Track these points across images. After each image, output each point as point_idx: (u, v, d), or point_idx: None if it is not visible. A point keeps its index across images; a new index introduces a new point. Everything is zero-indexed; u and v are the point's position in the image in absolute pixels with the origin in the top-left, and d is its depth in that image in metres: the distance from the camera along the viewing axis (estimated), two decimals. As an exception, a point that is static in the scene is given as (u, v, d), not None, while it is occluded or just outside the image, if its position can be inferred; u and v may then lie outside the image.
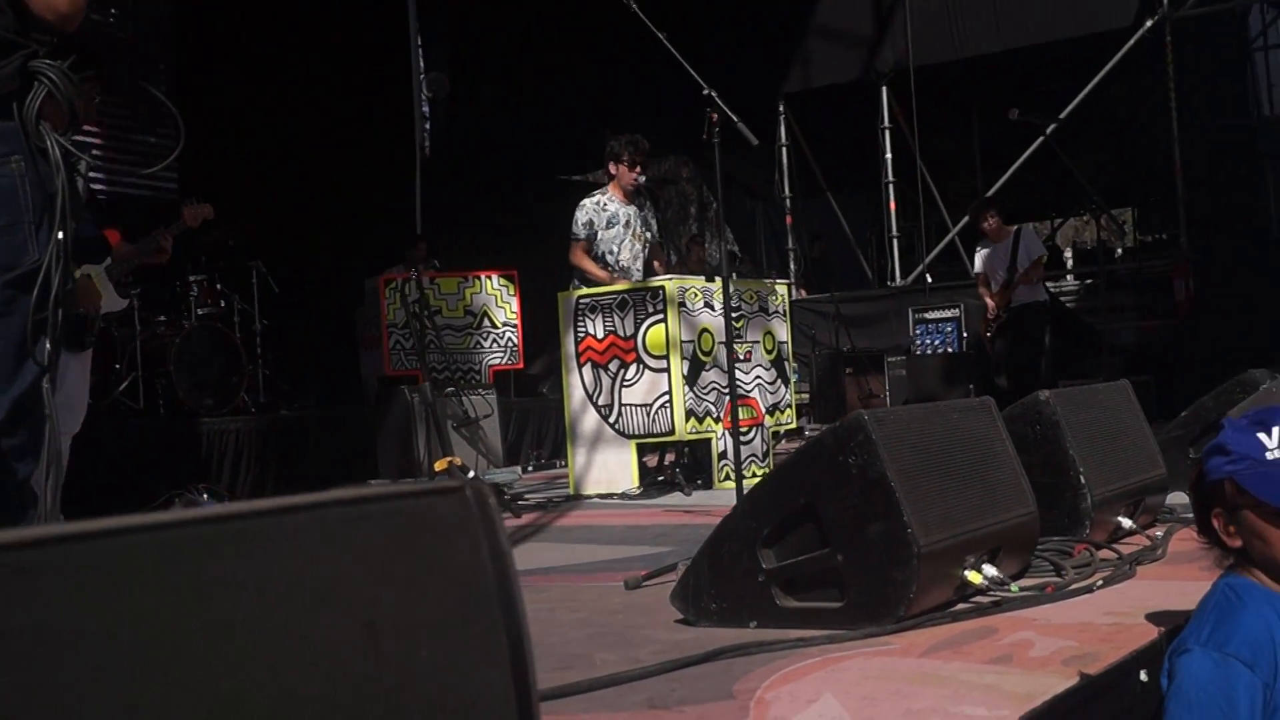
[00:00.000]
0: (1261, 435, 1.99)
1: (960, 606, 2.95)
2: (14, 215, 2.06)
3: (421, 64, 11.81)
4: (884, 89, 12.18)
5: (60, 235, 2.05)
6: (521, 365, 10.53)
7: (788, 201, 13.32)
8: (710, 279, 7.04)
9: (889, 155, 12.25)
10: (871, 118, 12.23)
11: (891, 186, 12.29)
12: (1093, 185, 9.07)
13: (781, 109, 12.96)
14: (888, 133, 12.24)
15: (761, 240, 17.07)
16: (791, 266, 13.28)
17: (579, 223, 7.27)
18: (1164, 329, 10.65)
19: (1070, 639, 2.55)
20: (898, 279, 12.30)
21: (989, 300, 9.18)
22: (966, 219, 11.31)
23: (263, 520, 1.07)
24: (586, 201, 7.33)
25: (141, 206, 9.81)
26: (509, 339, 10.34)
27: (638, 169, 7.19)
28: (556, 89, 12.57)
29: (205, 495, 7.75)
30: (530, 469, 9.84)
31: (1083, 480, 3.53)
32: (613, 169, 7.30)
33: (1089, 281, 11.95)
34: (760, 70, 12.52)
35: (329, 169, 11.26)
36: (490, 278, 10.30)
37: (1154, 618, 2.66)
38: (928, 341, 10.88)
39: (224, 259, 9.66)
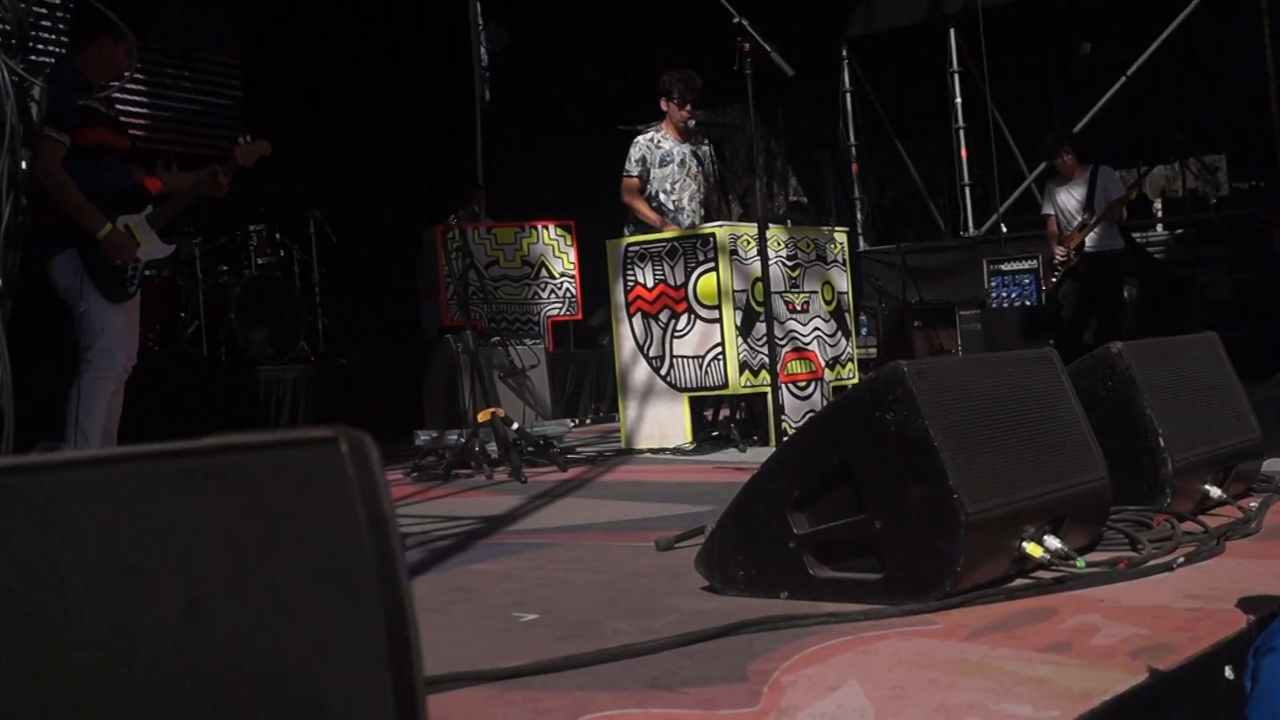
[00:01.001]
0: None
1: (1018, 583, 2.63)
2: None
3: (479, 14, 11.52)
4: (951, 31, 11.62)
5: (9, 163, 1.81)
6: (580, 316, 10.30)
7: (853, 149, 12.86)
8: (764, 226, 6.71)
9: (959, 100, 11.71)
10: (940, 61, 11.71)
11: (962, 133, 11.76)
12: (1181, 130, 8.48)
13: (845, 54, 12.48)
14: (956, 76, 11.69)
15: (832, 189, 16.61)
16: (858, 216, 12.84)
17: (631, 159, 7.05)
18: (1261, 282, 10.01)
19: (1142, 625, 2.22)
20: (970, 229, 11.80)
21: (1055, 244, 8.67)
22: (1043, 165, 10.77)
23: (62, 476, 0.85)
24: (640, 138, 7.10)
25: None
26: (567, 289, 10.14)
27: (689, 107, 6.89)
28: (618, 37, 12.23)
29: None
30: (588, 421, 9.62)
31: (1162, 443, 3.15)
32: (664, 105, 7.01)
33: (1179, 232, 11.32)
34: (821, 14, 12.03)
35: (390, 120, 11.15)
36: (547, 228, 10.09)
37: (1244, 604, 2.27)
38: (1004, 294, 10.44)
39: (283, 209, 9.58)
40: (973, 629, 2.27)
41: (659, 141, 7.04)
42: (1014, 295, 10.37)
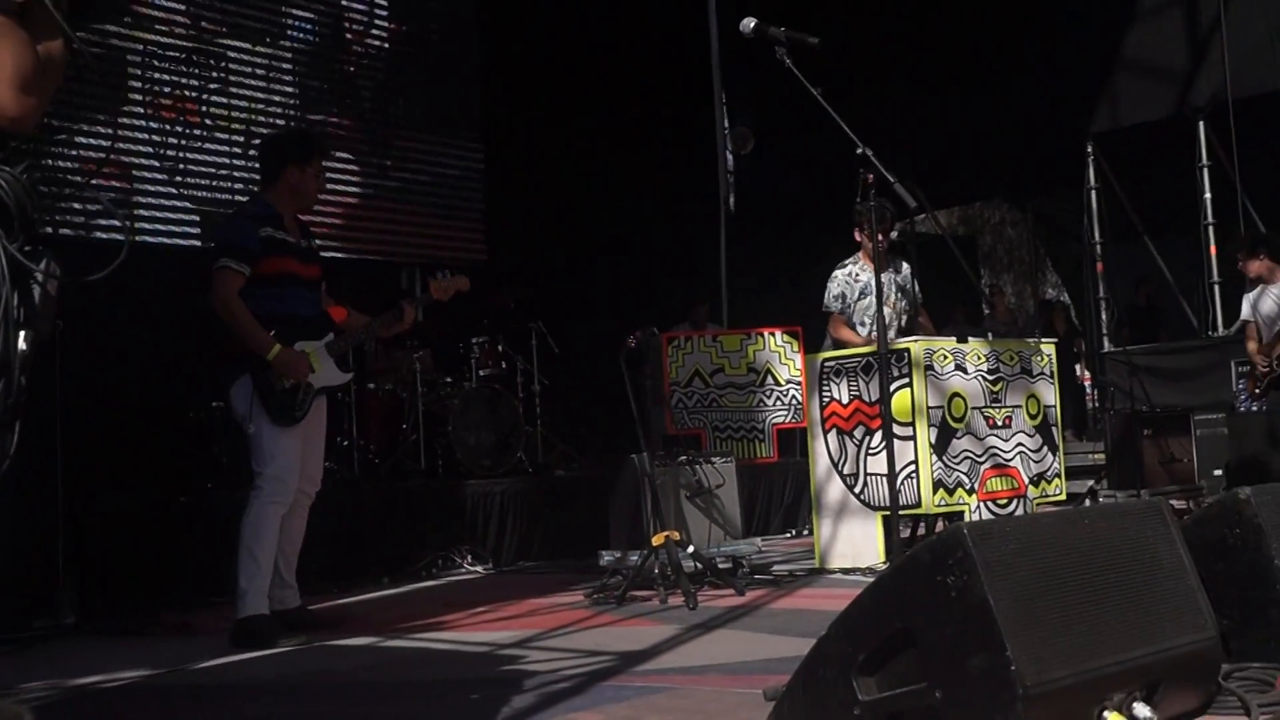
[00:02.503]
0: None
1: (1101, 756, 2.44)
2: None
3: (725, 119, 11.71)
4: (1201, 124, 11.12)
5: (6, 345, 1.95)
6: (805, 423, 10.19)
7: (1097, 247, 12.38)
8: (962, 340, 6.53)
9: (1208, 195, 11.16)
10: (1189, 155, 11.18)
11: (1211, 229, 11.19)
12: None
13: (1090, 149, 12.06)
14: (1206, 171, 11.14)
15: (1090, 288, 16.04)
16: (1103, 316, 12.31)
17: (830, 295, 7.10)
18: None
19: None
20: (1219, 328, 11.14)
21: (1255, 355, 8.25)
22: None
23: None
24: (838, 273, 7.12)
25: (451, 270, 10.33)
26: (793, 396, 10.08)
27: (880, 237, 6.79)
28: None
29: (469, 557, 7.85)
30: (806, 532, 9.48)
31: (1293, 595, 2.88)
32: (857, 235, 7.02)
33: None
34: (1065, 110, 11.70)
35: (619, 227, 11.38)
36: (774, 334, 10.10)
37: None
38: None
39: (506, 321, 9.85)
40: (1015, 818, 2.12)
41: (856, 275, 7.05)
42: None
